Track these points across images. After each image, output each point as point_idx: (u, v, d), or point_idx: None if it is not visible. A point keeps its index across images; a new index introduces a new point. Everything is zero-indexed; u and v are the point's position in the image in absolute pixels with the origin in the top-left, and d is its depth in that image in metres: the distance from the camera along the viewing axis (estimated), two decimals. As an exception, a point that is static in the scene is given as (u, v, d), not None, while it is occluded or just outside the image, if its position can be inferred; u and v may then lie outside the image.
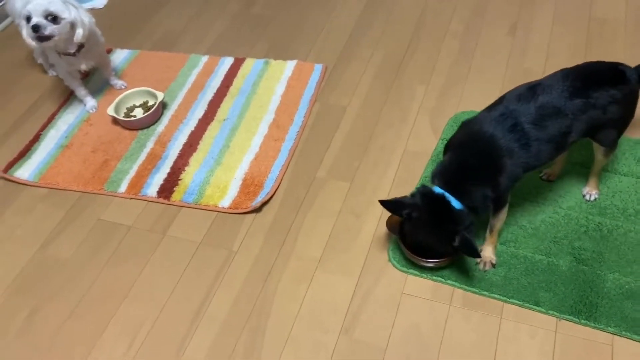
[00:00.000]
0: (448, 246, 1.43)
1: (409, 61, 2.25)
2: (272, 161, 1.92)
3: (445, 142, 1.92)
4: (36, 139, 2.10)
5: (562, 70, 1.47)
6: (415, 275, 1.56)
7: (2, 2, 1.82)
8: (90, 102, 2.20)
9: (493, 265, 1.54)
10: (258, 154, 1.95)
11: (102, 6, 2.84)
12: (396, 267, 1.58)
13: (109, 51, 2.48)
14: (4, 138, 2.13)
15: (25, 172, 1.97)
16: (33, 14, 1.80)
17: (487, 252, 1.55)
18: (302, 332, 1.47)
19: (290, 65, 2.29)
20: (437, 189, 1.42)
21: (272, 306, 1.54)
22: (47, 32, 1.82)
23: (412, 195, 1.46)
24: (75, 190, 1.90)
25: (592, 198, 1.67)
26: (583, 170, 1.73)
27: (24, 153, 2.04)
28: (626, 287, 1.46)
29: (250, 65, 2.32)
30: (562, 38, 2.23)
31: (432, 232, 1.45)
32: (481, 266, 1.54)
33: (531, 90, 1.43)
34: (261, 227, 1.73)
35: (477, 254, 1.42)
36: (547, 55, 2.17)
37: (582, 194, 1.69)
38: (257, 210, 1.78)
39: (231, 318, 1.52)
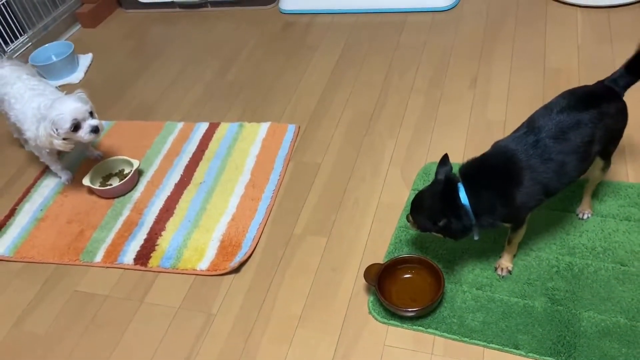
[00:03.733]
0: (431, 223, 1.48)
1: (378, 117, 2.34)
2: (250, 220, 1.94)
3: (416, 192, 1.99)
4: (11, 213, 2.10)
5: (561, 93, 1.56)
6: (396, 325, 1.56)
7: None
8: (65, 175, 2.21)
9: (509, 272, 1.63)
10: (235, 214, 1.97)
11: (77, 81, 2.92)
12: (377, 319, 1.58)
13: (85, 123, 2.53)
14: (-21, 214, 2.13)
15: (0, 247, 1.96)
16: (82, 120, 1.93)
17: (504, 259, 1.64)
18: (285, 392, 1.45)
19: (264, 127, 2.35)
20: (458, 177, 1.49)
21: (254, 368, 1.52)
22: (101, 127, 1.98)
23: (450, 172, 1.52)
24: (50, 263, 1.89)
25: (586, 217, 1.75)
26: (547, 212, 1.79)
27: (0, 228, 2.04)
28: (602, 324, 1.48)
29: (225, 129, 2.39)
30: (520, 88, 2.35)
31: (430, 204, 1.51)
32: (498, 272, 1.64)
33: (547, 108, 1.52)
34: (240, 288, 1.73)
35: (457, 237, 1.49)
36: (507, 104, 2.27)
37: (576, 213, 1.77)
38: (236, 270, 1.78)
39: (212, 383, 1.49)
